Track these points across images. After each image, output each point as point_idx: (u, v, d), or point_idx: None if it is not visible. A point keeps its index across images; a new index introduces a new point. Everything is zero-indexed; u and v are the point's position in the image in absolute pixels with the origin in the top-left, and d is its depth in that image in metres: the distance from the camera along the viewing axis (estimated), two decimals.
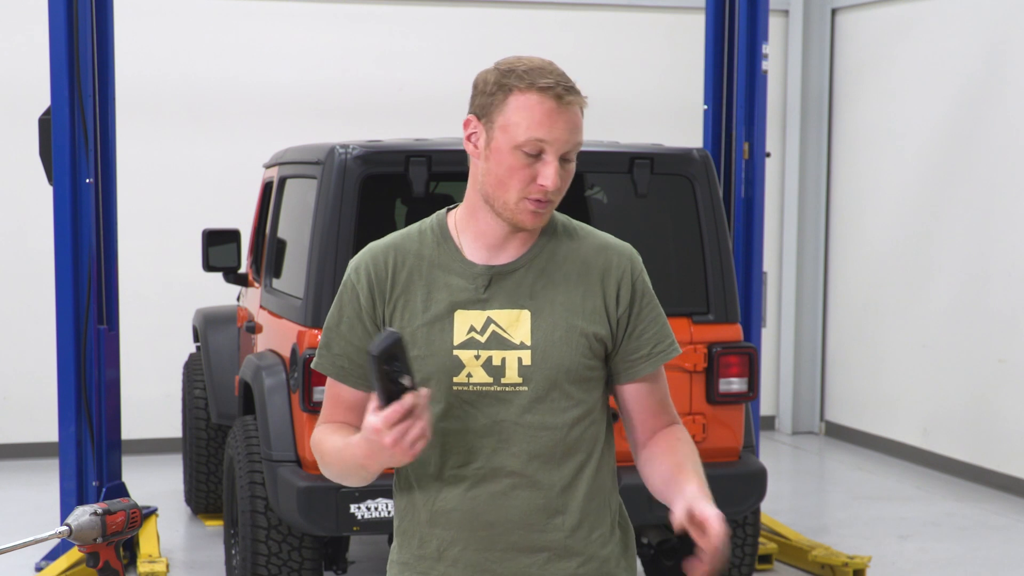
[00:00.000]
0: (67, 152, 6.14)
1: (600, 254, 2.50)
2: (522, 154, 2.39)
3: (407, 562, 2.52)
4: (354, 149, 5.07)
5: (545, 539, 2.46)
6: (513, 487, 2.44)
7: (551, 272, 2.47)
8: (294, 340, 5.10)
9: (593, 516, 2.49)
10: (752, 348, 5.30)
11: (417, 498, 2.49)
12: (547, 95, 2.37)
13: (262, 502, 5.20)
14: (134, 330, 8.29)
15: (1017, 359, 8.18)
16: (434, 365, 2.44)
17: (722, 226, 5.31)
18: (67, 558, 6.05)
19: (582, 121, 2.42)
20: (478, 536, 2.45)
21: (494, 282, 2.46)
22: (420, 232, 2.53)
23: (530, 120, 2.37)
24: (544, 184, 2.38)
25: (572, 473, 2.47)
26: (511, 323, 2.44)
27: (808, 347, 10.23)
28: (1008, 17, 8.32)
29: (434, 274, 2.47)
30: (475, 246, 2.48)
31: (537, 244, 2.49)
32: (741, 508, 5.31)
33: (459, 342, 2.44)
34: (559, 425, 2.45)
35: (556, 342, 2.44)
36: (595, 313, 2.47)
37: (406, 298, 2.47)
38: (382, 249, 2.52)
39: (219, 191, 9.13)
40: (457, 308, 2.45)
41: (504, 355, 2.43)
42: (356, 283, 2.50)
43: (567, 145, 2.38)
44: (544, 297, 2.46)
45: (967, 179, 8.61)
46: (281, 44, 9.30)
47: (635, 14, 9.85)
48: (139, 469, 8.20)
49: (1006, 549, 7.08)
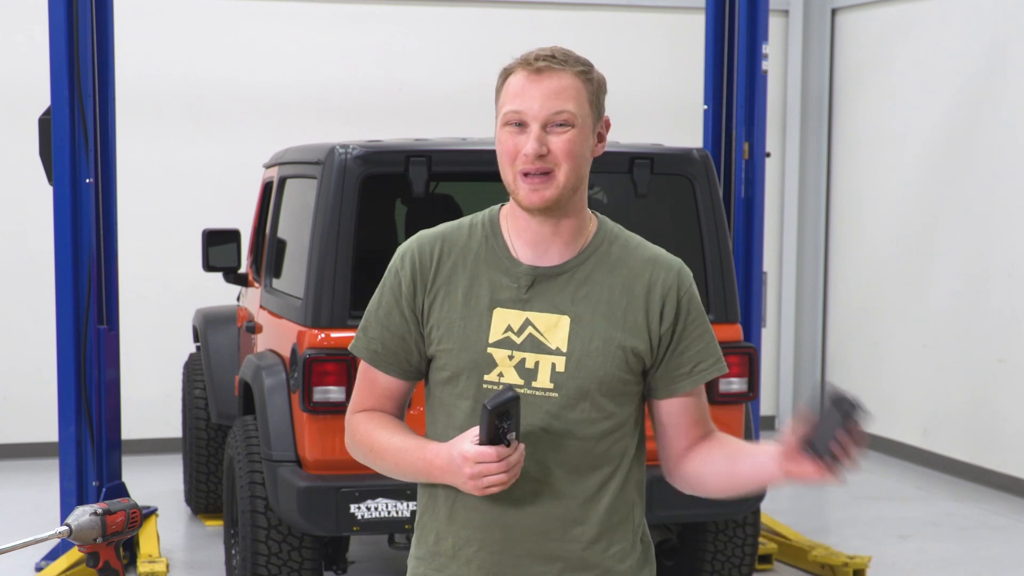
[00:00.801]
0: (67, 152, 6.14)
1: (647, 267, 2.46)
2: (508, 131, 2.38)
3: (422, 557, 2.52)
4: (354, 149, 5.07)
5: (562, 549, 2.43)
6: (534, 493, 2.41)
7: (596, 280, 2.44)
8: (294, 340, 5.10)
9: (613, 530, 2.46)
10: (752, 348, 5.30)
11: (439, 494, 2.47)
12: (522, 67, 2.38)
13: (262, 502, 5.20)
14: (134, 330, 8.29)
15: (1017, 359, 8.18)
16: (466, 360, 2.42)
17: (722, 226, 5.31)
18: (67, 558, 6.05)
19: (577, 89, 2.38)
20: (494, 538, 2.43)
21: (537, 283, 2.43)
22: (471, 225, 2.50)
23: (510, 95, 2.39)
24: (525, 152, 2.35)
25: (597, 486, 2.43)
26: (549, 327, 2.42)
27: (808, 347, 10.23)
28: (1008, 17, 8.32)
29: (479, 268, 2.45)
30: (521, 243, 2.45)
31: (586, 249, 2.46)
32: (741, 508, 5.31)
33: (494, 340, 2.42)
34: (587, 436, 2.42)
35: (592, 352, 2.41)
36: (636, 327, 2.43)
37: (447, 289, 2.45)
38: (430, 239, 2.50)
39: (219, 191, 9.13)
40: (497, 305, 2.43)
41: (538, 359, 2.41)
42: (400, 269, 2.49)
43: (545, 110, 2.36)
44: (586, 305, 2.43)
45: (967, 179, 8.61)
46: (281, 44, 9.30)
47: (635, 14, 9.85)
48: (139, 469, 8.20)
49: (1006, 549, 7.08)
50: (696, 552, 5.68)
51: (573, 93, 2.38)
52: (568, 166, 2.37)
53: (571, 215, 2.44)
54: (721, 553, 5.65)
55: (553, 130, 2.37)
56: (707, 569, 5.66)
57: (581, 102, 2.39)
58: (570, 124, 2.37)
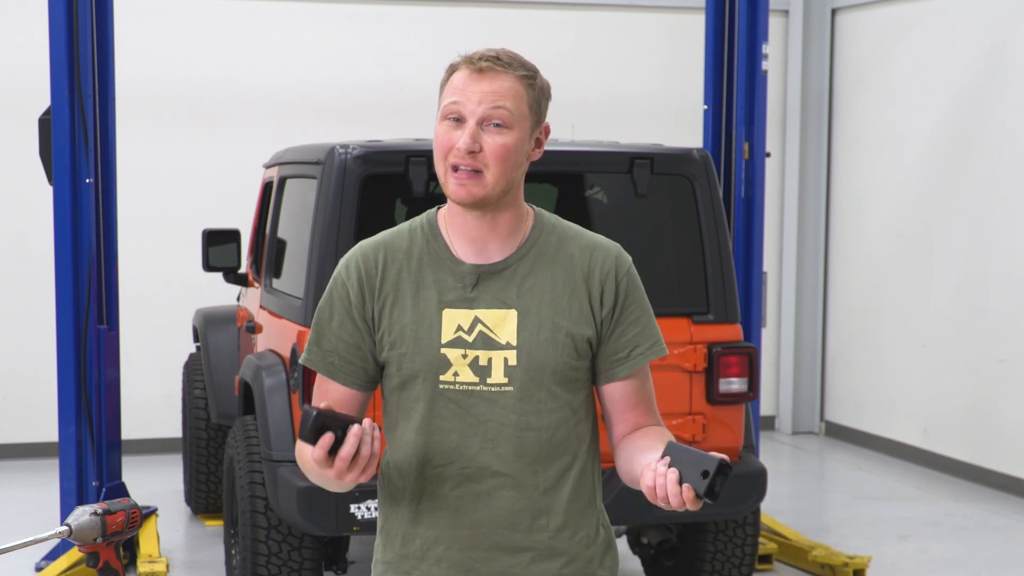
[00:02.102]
0: (67, 152, 6.14)
1: (586, 254, 2.49)
2: (446, 124, 2.40)
3: (390, 561, 2.52)
4: (354, 149, 5.07)
5: (529, 539, 2.46)
6: (497, 487, 2.44)
7: (538, 271, 2.47)
8: (294, 340, 5.10)
9: (578, 517, 2.49)
10: (752, 348, 5.30)
11: (401, 497, 2.49)
12: (467, 65, 2.40)
13: (262, 502, 5.20)
14: (134, 330, 8.29)
15: (1017, 359, 8.18)
16: (421, 363, 2.44)
17: (722, 226, 5.31)
18: (67, 558, 6.05)
19: (517, 92, 2.40)
20: (461, 536, 2.45)
21: (481, 281, 2.46)
22: (411, 230, 2.53)
23: (451, 90, 2.40)
24: (458, 147, 2.37)
25: (557, 474, 2.47)
26: (498, 323, 2.44)
27: (808, 347, 10.23)
28: (1008, 17, 8.32)
29: (423, 272, 2.48)
30: (461, 243, 2.48)
31: (525, 243, 2.48)
32: (741, 508, 5.31)
33: (446, 340, 2.44)
34: (545, 426, 2.45)
35: (542, 343, 2.44)
36: (581, 314, 2.46)
37: (395, 295, 2.47)
38: (372, 247, 2.52)
39: (219, 191, 9.13)
40: (445, 306, 2.45)
41: (491, 355, 2.43)
42: (347, 280, 2.50)
43: (482, 105, 2.37)
44: (531, 297, 2.45)
45: (967, 179, 8.61)
46: (281, 44, 9.30)
47: (635, 14, 9.85)
48: (139, 469, 8.20)
49: (1006, 549, 7.08)
50: (696, 552, 5.68)
51: (512, 95, 2.39)
52: (498, 169, 2.39)
53: (505, 210, 2.46)
54: (721, 553, 5.65)
55: (488, 128, 2.39)
56: (707, 569, 5.66)
57: (520, 105, 2.40)
58: (506, 125, 2.39)
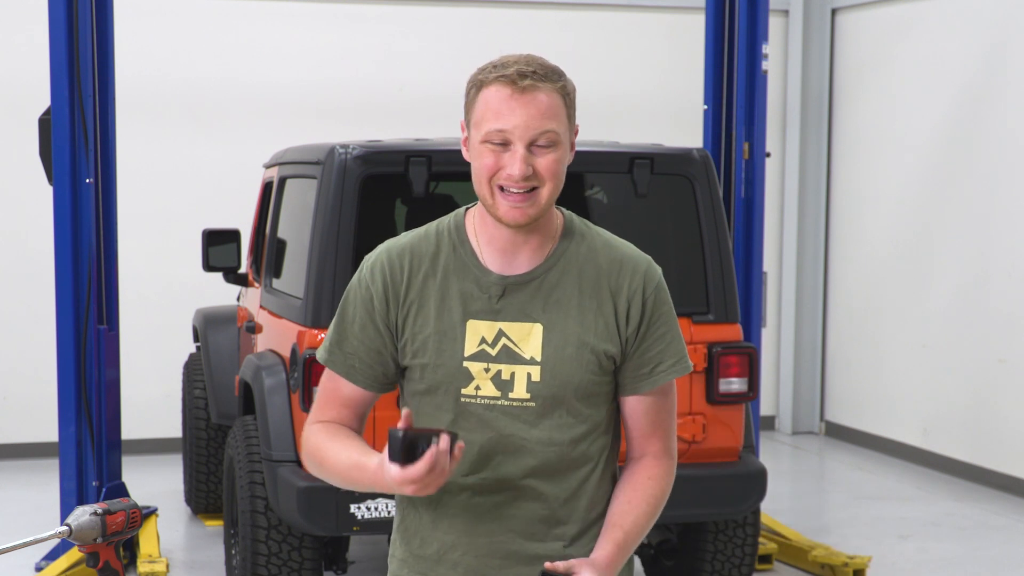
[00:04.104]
0: (67, 152, 6.14)
1: (615, 268, 2.46)
2: (490, 147, 2.36)
3: (405, 559, 2.53)
4: (354, 149, 5.07)
5: (545, 548, 2.45)
6: (516, 498, 2.43)
7: (565, 285, 2.44)
8: (294, 340, 5.10)
9: (593, 525, 2.48)
10: (752, 348, 5.30)
11: (420, 500, 2.48)
12: (504, 83, 2.34)
13: (262, 502, 5.20)
14: (134, 330, 8.29)
15: (1017, 359, 8.18)
16: (443, 375, 2.42)
17: (722, 226, 5.31)
18: (67, 558, 6.05)
19: (558, 106, 2.36)
20: (478, 543, 2.45)
21: (508, 293, 2.43)
22: (437, 233, 2.49)
23: (491, 111, 2.35)
24: (510, 173, 2.34)
25: (577, 484, 2.46)
26: (522, 337, 2.42)
27: (808, 347, 10.23)
28: (1008, 17, 8.32)
29: (449, 280, 2.44)
30: (491, 252, 2.44)
31: (554, 254, 2.45)
32: (741, 508, 5.31)
33: (470, 353, 2.41)
34: (565, 441, 2.43)
35: (566, 359, 2.41)
36: (606, 330, 2.44)
37: (420, 303, 2.44)
38: (398, 252, 2.48)
39: (219, 191, 9.13)
40: (470, 317, 2.42)
41: (514, 369, 2.41)
42: (371, 284, 2.47)
43: (531, 131, 2.33)
44: (557, 311, 2.43)
45: (967, 179, 8.61)
46: (281, 44, 9.30)
47: (635, 14, 9.85)
48: (139, 469, 8.20)
49: (1006, 549, 7.08)
50: (696, 552, 5.68)
51: (555, 113, 2.35)
52: (552, 185, 2.37)
53: (542, 222, 2.44)
54: (721, 553, 5.65)
55: (537, 150, 2.35)
56: (707, 569, 5.66)
57: (562, 120, 2.37)
58: (554, 144, 2.36)
